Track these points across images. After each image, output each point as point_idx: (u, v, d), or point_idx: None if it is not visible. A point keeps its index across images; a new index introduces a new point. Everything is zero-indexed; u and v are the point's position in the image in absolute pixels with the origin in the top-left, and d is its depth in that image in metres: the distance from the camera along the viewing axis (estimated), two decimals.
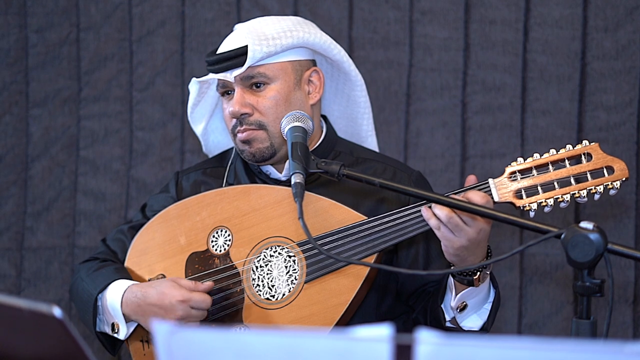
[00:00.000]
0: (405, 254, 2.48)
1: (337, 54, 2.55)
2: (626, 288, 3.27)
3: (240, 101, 2.44)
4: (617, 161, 2.19)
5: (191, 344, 1.34)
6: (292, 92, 2.48)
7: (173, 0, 3.56)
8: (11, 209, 3.63)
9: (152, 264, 2.50)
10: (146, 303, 2.36)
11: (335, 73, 2.62)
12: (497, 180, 2.21)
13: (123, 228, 2.63)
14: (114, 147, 3.61)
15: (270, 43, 2.42)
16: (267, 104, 2.44)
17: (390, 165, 2.58)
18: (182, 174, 2.68)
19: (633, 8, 3.25)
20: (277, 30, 2.46)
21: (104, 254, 2.60)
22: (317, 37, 2.50)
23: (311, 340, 1.32)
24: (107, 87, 3.61)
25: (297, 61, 2.50)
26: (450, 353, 1.27)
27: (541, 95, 3.32)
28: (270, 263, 2.38)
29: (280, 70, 2.47)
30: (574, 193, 2.18)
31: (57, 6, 3.62)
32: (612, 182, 2.17)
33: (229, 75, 2.44)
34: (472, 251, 2.18)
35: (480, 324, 2.34)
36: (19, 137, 3.64)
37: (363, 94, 2.65)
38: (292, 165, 2.20)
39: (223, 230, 2.44)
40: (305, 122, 2.33)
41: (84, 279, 2.50)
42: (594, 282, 1.75)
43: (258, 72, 2.44)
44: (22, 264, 3.63)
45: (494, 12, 3.35)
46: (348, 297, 2.30)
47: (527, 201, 2.19)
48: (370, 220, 2.30)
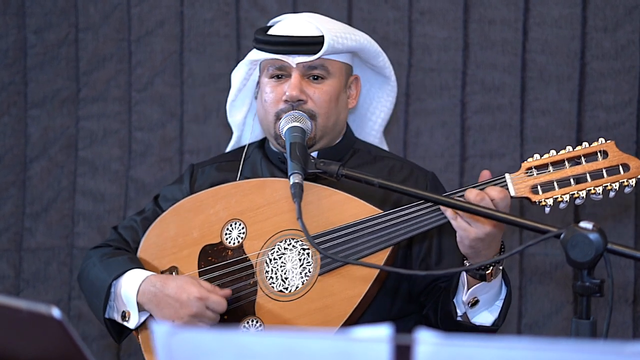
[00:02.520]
0: (418, 248, 2.48)
1: (382, 60, 2.61)
2: (626, 288, 3.27)
3: (299, 86, 2.45)
4: (632, 159, 2.21)
5: (191, 344, 1.34)
6: (341, 93, 2.53)
7: (172, 1, 3.56)
8: (10, 210, 3.63)
9: (165, 256, 2.50)
10: (163, 294, 2.36)
11: (373, 77, 2.67)
12: (514, 175, 2.22)
13: (136, 218, 2.63)
14: (113, 148, 3.61)
15: (340, 41, 2.46)
16: (323, 97, 2.47)
17: (407, 164, 2.62)
18: (198, 167, 2.68)
19: (632, 8, 3.25)
20: (342, 30, 2.50)
21: (116, 242, 2.60)
22: (371, 43, 2.57)
23: (311, 340, 1.32)
24: (105, 87, 3.60)
25: (348, 65, 2.56)
26: (450, 353, 1.27)
27: (540, 95, 3.32)
28: (284, 256, 2.38)
29: (338, 69, 2.51)
30: (589, 189, 2.19)
31: (55, 7, 3.61)
32: (627, 180, 2.19)
33: (291, 59, 2.46)
34: (488, 244, 2.18)
35: (491, 320, 2.34)
36: (17, 138, 3.64)
37: (393, 102, 2.71)
38: (291, 166, 2.21)
39: (237, 223, 2.44)
40: (304, 122, 2.34)
41: (96, 264, 2.50)
42: (593, 282, 1.75)
43: (322, 65, 2.47)
44: (21, 265, 3.63)
45: (493, 11, 3.35)
46: (362, 290, 2.30)
47: (543, 196, 2.20)
48: (385, 214, 2.30)
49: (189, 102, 3.55)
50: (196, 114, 3.55)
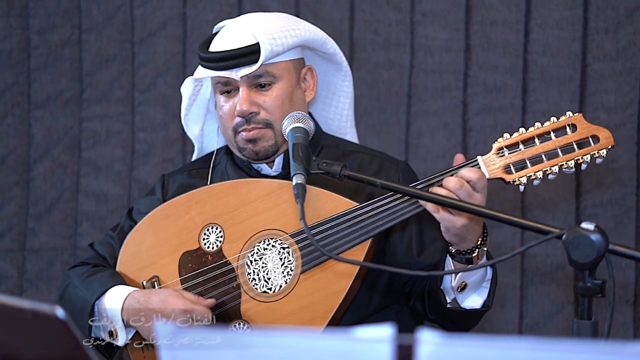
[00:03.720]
0: (399, 238, 2.46)
1: (331, 47, 2.56)
2: (627, 288, 3.27)
3: (248, 100, 2.42)
4: (601, 130, 2.20)
5: (193, 344, 1.34)
6: (295, 91, 2.48)
7: (174, 2, 3.57)
8: (13, 210, 3.64)
9: (145, 267, 2.47)
10: (148, 308, 2.35)
11: (325, 65, 2.62)
12: (485, 157, 2.23)
13: (111, 233, 2.60)
14: (116, 148, 3.61)
15: (278, 42, 2.41)
16: (274, 103, 2.43)
17: (376, 156, 2.58)
18: (169, 177, 2.66)
19: (633, 9, 3.26)
20: (280, 29, 2.44)
21: (94, 259, 2.56)
22: (314, 33, 2.51)
23: (312, 340, 1.32)
24: (108, 88, 3.61)
25: (296, 60, 2.51)
26: (451, 353, 1.28)
27: (542, 96, 3.32)
28: (264, 256, 2.37)
29: (285, 69, 2.46)
30: (562, 164, 2.19)
31: (59, 8, 3.62)
32: (598, 151, 2.19)
33: (234, 74, 2.42)
34: (472, 228, 2.19)
35: (480, 302, 2.34)
36: (21, 139, 3.64)
37: (351, 86, 2.65)
38: (294, 166, 2.19)
39: (214, 227, 2.43)
40: (307, 122, 2.33)
41: (77, 286, 2.46)
42: (595, 283, 1.75)
43: (266, 72, 2.43)
44: (24, 265, 3.64)
45: (495, 13, 3.35)
46: (345, 285, 2.30)
47: (516, 175, 2.21)
48: (362, 206, 2.30)
49: None
50: None
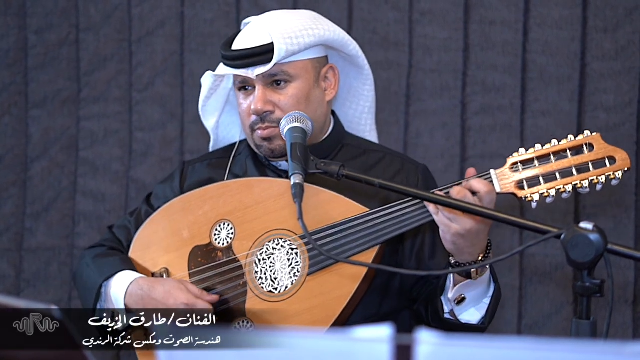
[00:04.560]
0: (410, 243, 2.47)
1: (353, 49, 2.56)
2: (626, 288, 3.27)
3: (263, 99, 2.43)
4: (618, 151, 2.19)
5: None
6: (312, 90, 2.48)
7: (172, 1, 3.57)
8: (10, 210, 3.63)
9: (156, 258, 2.50)
10: (150, 297, 2.37)
11: (347, 67, 2.62)
12: (499, 171, 2.21)
13: (129, 218, 2.65)
14: (114, 148, 3.61)
15: (294, 42, 2.42)
16: (290, 102, 2.44)
17: (397, 157, 2.60)
18: (189, 165, 2.69)
19: (632, 9, 3.25)
20: (298, 28, 2.44)
21: (110, 242, 2.61)
22: (335, 33, 2.51)
23: (311, 340, 1.32)
24: (106, 88, 3.61)
25: (316, 59, 2.51)
26: (450, 353, 1.27)
27: (541, 95, 3.32)
28: (272, 256, 2.38)
29: (302, 68, 2.47)
30: (575, 183, 2.17)
31: (56, 7, 3.62)
32: (613, 172, 2.17)
33: (250, 72, 2.43)
34: (470, 241, 2.18)
35: (478, 318, 2.33)
36: (18, 138, 3.64)
37: (372, 89, 2.65)
38: (292, 166, 2.20)
39: (226, 223, 2.44)
40: (305, 122, 2.33)
41: (89, 265, 2.52)
42: (593, 283, 1.75)
43: (281, 71, 2.44)
44: (22, 265, 3.63)
45: (494, 12, 3.35)
46: (351, 289, 2.30)
47: (529, 192, 2.19)
48: (372, 212, 2.30)
49: (189, 103, 3.55)
50: (197, 114, 3.53)
